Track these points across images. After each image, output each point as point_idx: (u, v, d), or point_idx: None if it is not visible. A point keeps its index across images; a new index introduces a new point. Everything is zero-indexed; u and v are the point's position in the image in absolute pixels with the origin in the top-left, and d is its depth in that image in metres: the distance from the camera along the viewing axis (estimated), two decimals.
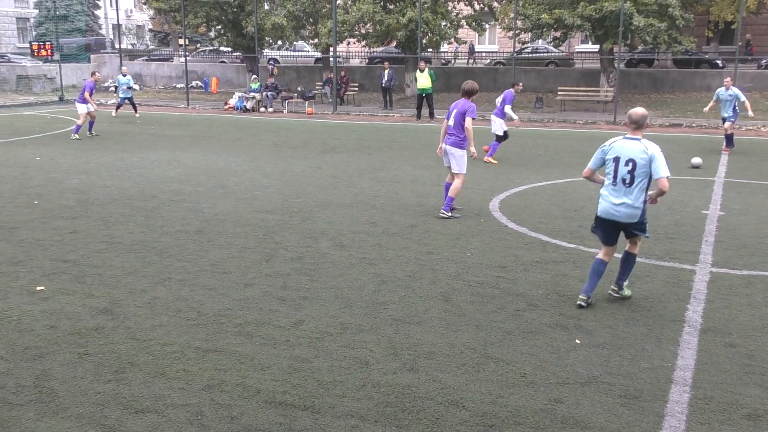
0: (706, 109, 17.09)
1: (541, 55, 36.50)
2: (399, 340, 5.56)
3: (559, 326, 5.86)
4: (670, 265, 7.53)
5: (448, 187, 9.81)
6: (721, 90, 16.31)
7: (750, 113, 16.19)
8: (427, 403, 4.57)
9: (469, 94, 9.47)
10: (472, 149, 9.80)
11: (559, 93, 27.08)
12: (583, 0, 25.28)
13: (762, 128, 21.13)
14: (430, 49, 32.34)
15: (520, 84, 16.05)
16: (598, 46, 28.75)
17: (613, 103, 24.42)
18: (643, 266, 7.47)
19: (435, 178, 12.73)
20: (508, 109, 14.88)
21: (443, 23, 28.85)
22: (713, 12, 31.72)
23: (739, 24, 24.78)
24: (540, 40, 32.29)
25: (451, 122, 9.52)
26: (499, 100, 15.36)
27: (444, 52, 39.73)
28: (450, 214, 9.64)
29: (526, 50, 36.33)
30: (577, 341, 5.54)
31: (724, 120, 16.27)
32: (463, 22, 29.80)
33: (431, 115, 24.43)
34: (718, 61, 32.24)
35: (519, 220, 9.46)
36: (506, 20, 29.83)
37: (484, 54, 41.73)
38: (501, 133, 15.08)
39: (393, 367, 5.09)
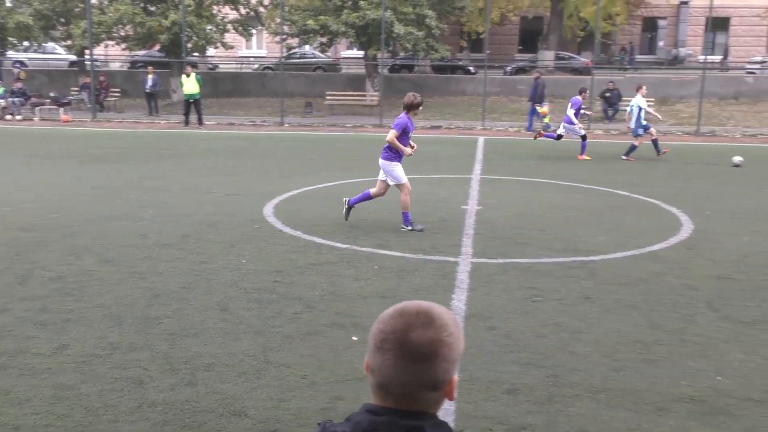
0: None
1: (309, 60, 37.11)
2: (175, 354, 5.35)
3: (336, 325, 5.99)
4: (436, 259, 8.01)
5: (366, 195, 9.48)
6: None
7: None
8: (208, 417, 4.44)
9: (406, 108, 8.95)
10: (408, 150, 9.12)
11: (327, 98, 27.71)
12: (347, 7, 26.11)
13: (510, 129, 23.24)
14: (196, 53, 31.51)
15: (587, 92, 17.62)
16: (363, 52, 29.86)
17: (379, 107, 25.49)
18: (411, 261, 7.88)
19: (208, 185, 12.43)
20: (571, 113, 16.61)
21: (208, 27, 28.26)
22: (465, 24, 34.35)
23: (487, 34, 27.10)
24: (307, 46, 32.83)
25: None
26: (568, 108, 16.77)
27: (211, 56, 38.88)
28: (410, 227, 9.20)
29: (294, 55, 36.74)
30: (354, 339, 5.69)
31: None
32: (230, 26, 29.43)
33: (200, 121, 23.81)
34: (471, 68, 34.93)
35: (293, 224, 9.53)
36: (273, 25, 29.94)
37: (252, 59, 41.52)
38: (583, 133, 16.68)
39: (170, 383, 4.88)
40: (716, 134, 22.41)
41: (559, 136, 17.14)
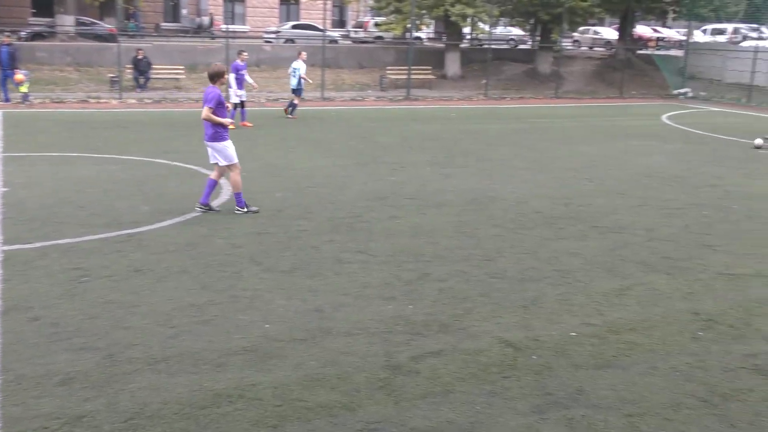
0: None
1: None
2: None
3: None
4: None
5: (211, 184, 8.87)
6: None
7: None
8: None
9: (212, 78, 8.78)
10: (228, 121, 8.84)
11: None
12: None
13: (37, 100, 21.24)
14: None
15: (245, 53, 17.40)
16: None
17: None
18: None
19: None
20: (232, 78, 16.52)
21: None
22: None
23: None
24: None
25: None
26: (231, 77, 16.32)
27: None
28: (246, 209, 8.82)
29: None
30: None
31: None
32: None
33: None
34: None
35: None
36: None
37: None
38: (238, 101, 16.86)
39: None
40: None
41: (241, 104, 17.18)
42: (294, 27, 38.45)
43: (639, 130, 18.55)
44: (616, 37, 36.87)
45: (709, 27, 40.53)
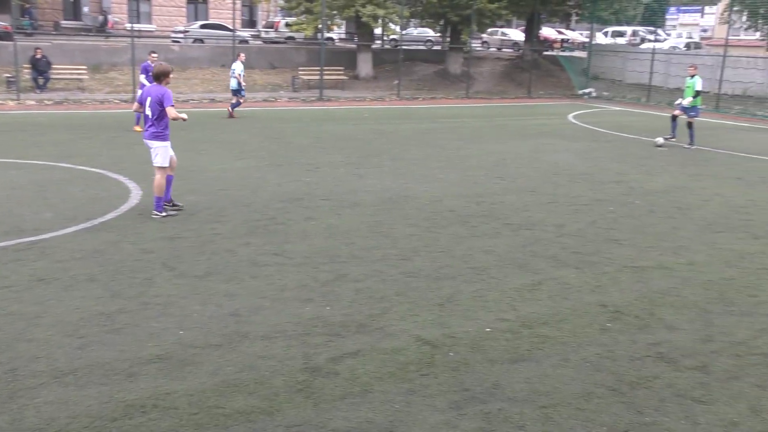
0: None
1: None
2: None
3: None
4: None
5: (169, 179, 8.79)
6: None
7: None
8: None
9: (158, 77, 8.58)
10: (183, 115, 8.61)
11: None
12: None
13: None
14: None
15: (155, 53, 16.46)
16: None
17: None
18: None
19: None
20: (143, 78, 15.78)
21: None
22: None
23: None
24: None
25: (148, 112, 8.56)
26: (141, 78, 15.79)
27: None
28: (165, 213, 8.66)
29: None
30: None
31: None
32: None
33: None
34: None
35: None
36: None
37: None
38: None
39: None
40: None
41: None
42: (203, 27, 37.64)
43: (547, 129, 19.13)
44: (523, 39, 37.87)
45: (610, 29, 42.26)
